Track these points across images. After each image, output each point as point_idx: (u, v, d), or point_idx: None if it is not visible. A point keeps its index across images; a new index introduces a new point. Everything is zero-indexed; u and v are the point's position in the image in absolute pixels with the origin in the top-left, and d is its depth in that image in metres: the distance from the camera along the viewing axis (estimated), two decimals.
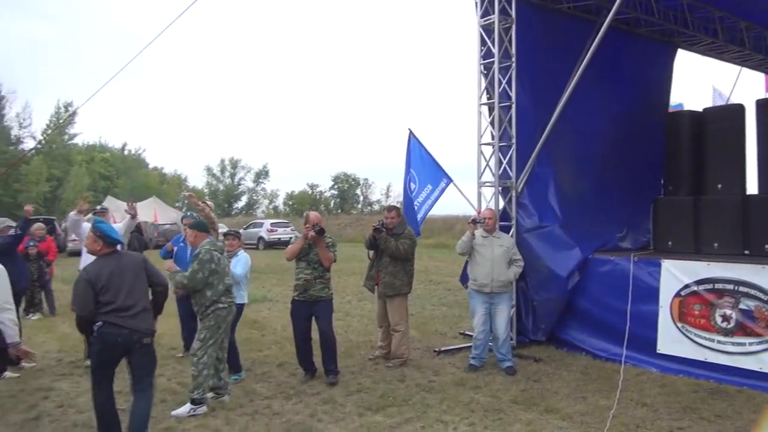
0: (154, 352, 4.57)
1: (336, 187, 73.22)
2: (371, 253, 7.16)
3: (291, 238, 7.90)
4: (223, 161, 72.83)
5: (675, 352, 6.42)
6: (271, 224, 31.22)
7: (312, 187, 73.64)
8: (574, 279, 7.30)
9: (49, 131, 45.49)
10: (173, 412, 5.18)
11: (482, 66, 7.83)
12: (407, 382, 6.20)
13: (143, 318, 4.40)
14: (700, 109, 8.74)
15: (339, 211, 65.12)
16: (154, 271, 4.64)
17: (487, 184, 7.80)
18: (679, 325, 6.40)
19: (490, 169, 7.78)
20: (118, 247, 4.65)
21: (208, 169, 72.60)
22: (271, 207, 72.66)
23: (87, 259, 6.67)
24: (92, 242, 4.50)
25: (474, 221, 6.78)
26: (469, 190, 8.07)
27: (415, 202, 8.24)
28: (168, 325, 7.28)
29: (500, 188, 7.73)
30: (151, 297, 4.59)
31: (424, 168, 8.30)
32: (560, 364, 6.82)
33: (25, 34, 75.47)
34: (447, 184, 8.14)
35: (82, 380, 6.21)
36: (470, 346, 6.92)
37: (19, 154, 41.57)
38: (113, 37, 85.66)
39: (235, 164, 73.21)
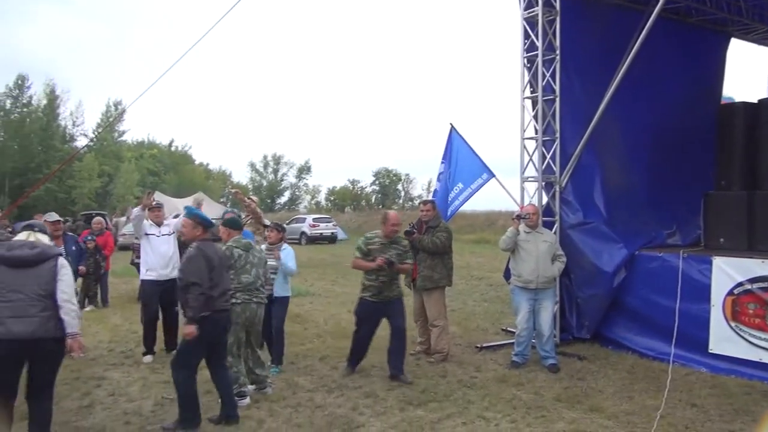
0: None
1: (377, 182, 73.46)
2: None
3: (333, 233, 7.98)
4: (266, 157, 74.07)
5: (727, 352, 6.21)
6: (314, 219, 31.55)
7: (353, 182, 74.11)
8: (620, 276, 7.13)
9: (100, 129, 47.04)
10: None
11: (525, 59, 7.71)
12: (449, 377, 6.18)
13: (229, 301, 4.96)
14: (754, 100, 8.40)
15: (380, 206, 65.23)
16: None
17: (530, 179, 7.69)
18: (733, 324, 6.18)
19: (533, 164, 7.66)
20: None
21: (252, 165, 74.01)
22: (313, 202, 73.48)
23: (148, 265, 6.90)
24: (192, 229, 4.88)
25: (518, 217, 6.69)
26: (511, 185, 7.99)
27: (449, 195, 8.17)
28: None
29: (543, 183, 7.62)
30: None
31: (463, 163, 8.23)
32: (605, 363, 6.68)
33: (76, 34, 78.19)
34: (488, 179, 8.04)
35: (132, 370, 6.43)
36: (512, 343, 6.85)
37: (72, 151, 43.13)
38: (161, 36, 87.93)
39: (278, 160, 74.32)
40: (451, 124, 8.32)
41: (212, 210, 32.57)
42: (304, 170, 74.90)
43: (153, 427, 4.77)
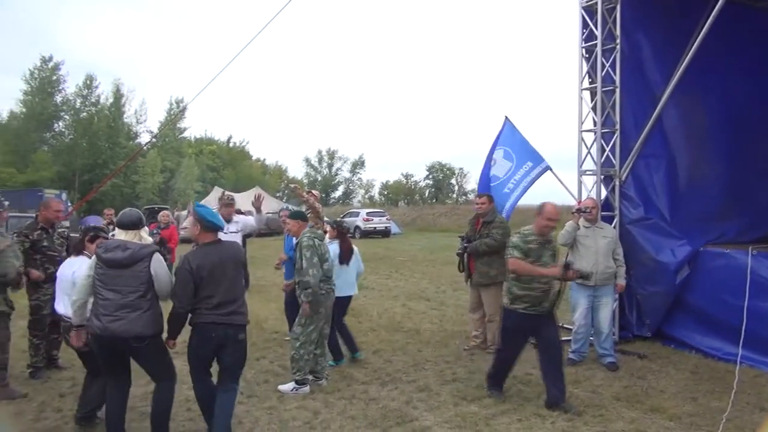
0: (246, 348, 4.49)
1: (431, 176, 73.22)
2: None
3: (386, 227, 8.01)
4: (320, 152, 75.02)
5: None
6: (367, 213, 31.73)
7: (407, 176, 74.17)
8: (683, 273, 6.86)
9: (163, 126, 48.67)
10: (279, 386, 5.55)
11: (584, 49, 7.51)
12: None
13: (241, 313, 4.34)
14: None
15: (434, 201, 65.02)
16: (246, 272, 4.68)
17: (588, 172, 7.50)
18: None
19: (592, 157, 7.47)
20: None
21: (307, 160, 75.09)
22: (366, 197, 73.96)
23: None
24: (192, 227, 4.46)
25: (578, 211, 6.53)
26: (567, 179, 7.78)
27: (507, 186, 7.94)
28: (269, 310, 7.62)
29: (602, 177, 7.41)
30: None
31: (519, 154, 8.04)
32: (667, 362, 6.46)
33: (140, 33, 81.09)
34: (544, 169, 7.81)
35: None
36: (569, 340, 6.71)
37: (137, 147, 44.86)
38: (219, 34, 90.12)
39: (332, 155, 75.15)
40: (506, 116, 8.19)
41: (269, 205, 33.38)
42: (358, 165, 75.56)
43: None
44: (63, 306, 4.72)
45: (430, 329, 8.28)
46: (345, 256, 6.48)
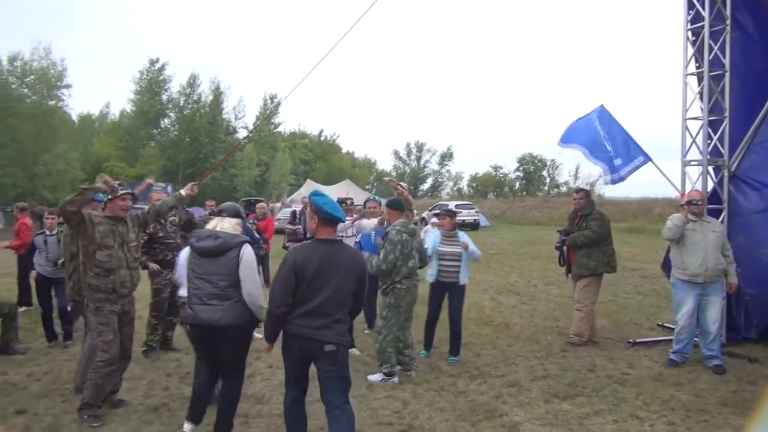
0: (343, 361, 3.81)
1: (521, 168, 71.58)
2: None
3: (475, 220, 7.94)
4: (409, 144, 75.36)
5: None
6: (456, 206, 31.53)
7: (496, 168, 72.91)
8: None
9: (259, 121, 50.59)
10: (369, 377, 5.65)
11: (689, 32, 7.05)
12: (597, 372, 5.91)
13: (332, 328, 3.67)
14: None
15: (524, 193, 63.55)
16: (364, 287, 3.88)
17: (692, 163, 7.06)
18: None
19: (697, 147, 7.01)
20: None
21: (396, 153, 75.69)
22: (455, 189, 73.48)
23: None
24: (309, 218, 4.03)
25: (688, 203, 6.16)
26: (669, 170, 7.36)
27: (615, 161, 7.57)
28: None
29: (709, 168, 6.95)
30: None
31: (617, 143, 7.68)
32: None
33: (237, 33, 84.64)
34: (643, 162, 7.43)
35: None
36: (670, 340, 6.37)
37: (235, 142, 46.95)
38: (310, 30, 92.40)
39: (420, 147, 75.27)
40: (602, 105, 7.86)
41: (359, 197, 33.94)
42: (447, 157, 75.24)
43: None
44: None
45: (520, 324, 8.13)
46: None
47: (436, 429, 4.51)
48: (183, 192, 5.25)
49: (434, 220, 10.08)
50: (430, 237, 6.66)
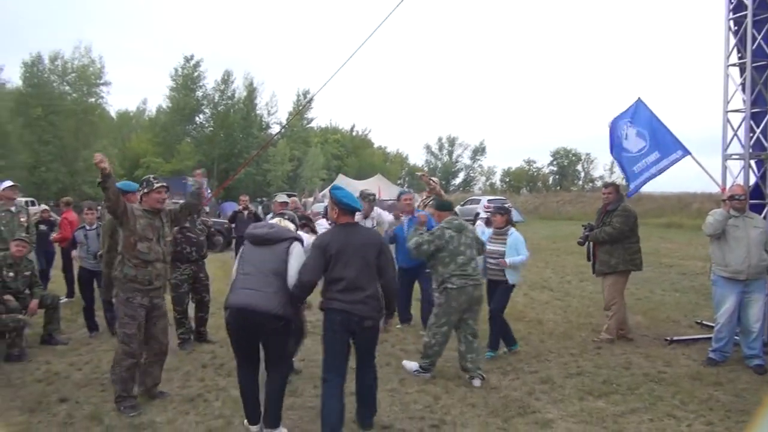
0: (377, 334, 4.40)
1: (555, 162, 70.65)
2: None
3: None
4: (441, 139, 75.09)
5: None
6: (488, 201, 31.28)
7: (529, 163, 72.15)
8: None
9: (291, 117, 50.96)
10: (404, 362, 5.70)
11: (731, 21, 6.84)
12: (633, 369, 5.81)
13: (367, 303, 4.17)
14: None
15: (558, 188, 62.70)
16: (386, 261, 4.35)
17: (734, 156, 6.86)
18: None
19: (739, 140, 6.81)
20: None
21: (427, 147, 75.45)
22: (487, 184, 73.00)
23: None
24: (330, 210, 4.52)
25: (730, 198, 5.98)
26: (709, 164, 7.16)
27: (637, 165, 7.45)
28: None
29: (751, 161, 6.74)
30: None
31: (654, 137, 7.51)
32: None
33: (269, 29, 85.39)
34: (682, 156, 7.24)
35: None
36: (709, 338, 6.22)
37: (268, 137, 47.43)
38: (342, 25, 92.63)
39: (452, 142, 74.90)
40: (639, 98, 7.68)
41: (390, 191, 33.96)
42: (479, 151, 74.70)
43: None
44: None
45: (553, 320, 8.04)
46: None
47: (468, 424, 4.50)
48: (195, 186, 5.36)
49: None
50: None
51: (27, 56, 39.98)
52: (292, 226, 4.53)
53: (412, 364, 5.66)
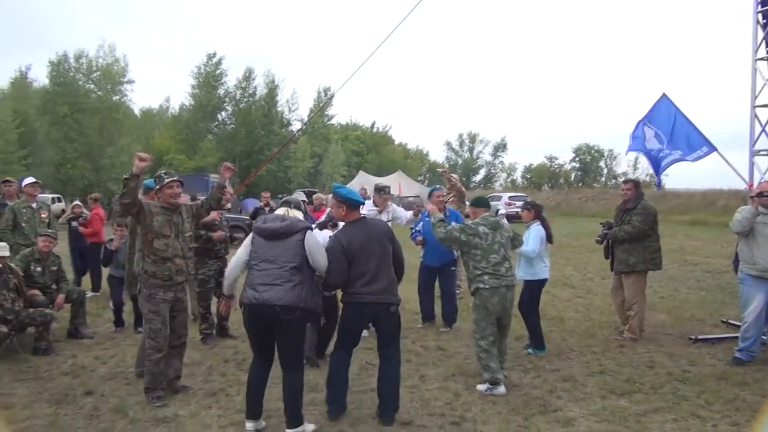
0: (399, 319, 4.63)
1: (577, 159, 69.95)
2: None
3: None
4: (461, 135, 74.87)
5: None
6: (509, 197, 31.18)
7: (551, 159, 71.54)
8: None
9: (312, 114, 51.14)
10: (478, 386, 5.20)
11: (759, 15, 6.72)
12: (657, 368, 5.74)
13: (390, 290, 4.46)
14: None
15: (580, 184, 62.06)
16: (397, 245, 4.64)
17: (762, 152, 6.74)
18: None
19: (767, 135, 6.68)
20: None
21: (448, 144, 75.29)
22: (508, 180, 72.55)
23: None
24: (336, 208, 4.60)
25: (759, 195, 5.84)
26: (736, 160, 7.02)
27: (663, 162, 7.39)
28: (412, 290, 7.72)
29: None
30: None
31: (679, 133, 7.39)
32: None
33: (290, 27, 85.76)
34: (708, 152, 7.12)
35: None
36: (735, 337, 6.12)
37: (289, 134, 47.64)
38: (362, 22, 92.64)
39: (473, 138, 74.59)
40: (663, 93, 7.57)
41: (411, 188, 33.94)
42: (500, 148, 74.31)
43: (357, 388, 5.13)
44: None
45: (575, 318, 7.97)
46: (550, 236, 6.34)
47: (488, 422, 4.48)
48: (221, 180, 5.33)
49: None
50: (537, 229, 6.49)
51: (53, 55, 40.75)
52: (300, 214, 4.45)
53: (481, 387, 5.17)
